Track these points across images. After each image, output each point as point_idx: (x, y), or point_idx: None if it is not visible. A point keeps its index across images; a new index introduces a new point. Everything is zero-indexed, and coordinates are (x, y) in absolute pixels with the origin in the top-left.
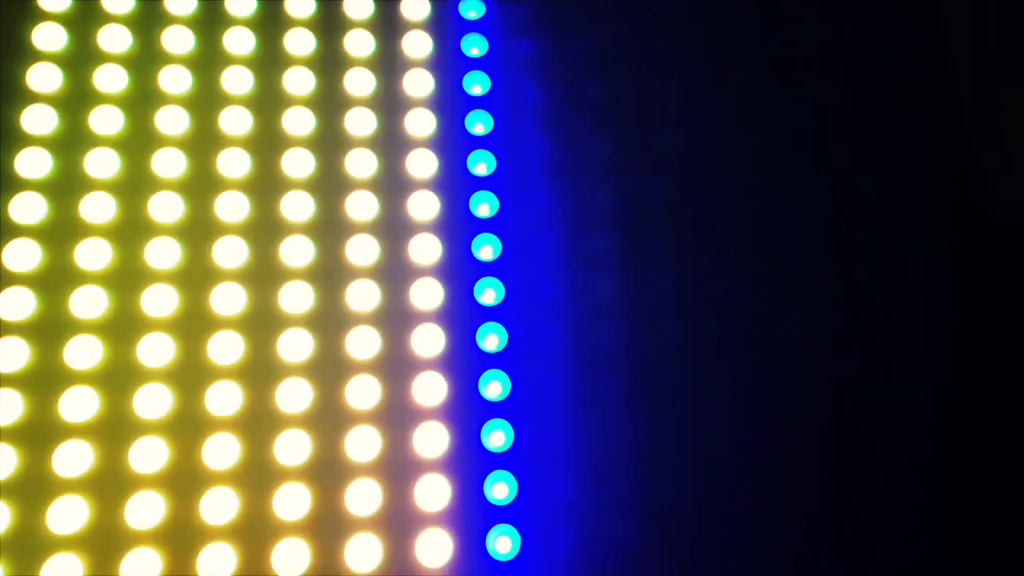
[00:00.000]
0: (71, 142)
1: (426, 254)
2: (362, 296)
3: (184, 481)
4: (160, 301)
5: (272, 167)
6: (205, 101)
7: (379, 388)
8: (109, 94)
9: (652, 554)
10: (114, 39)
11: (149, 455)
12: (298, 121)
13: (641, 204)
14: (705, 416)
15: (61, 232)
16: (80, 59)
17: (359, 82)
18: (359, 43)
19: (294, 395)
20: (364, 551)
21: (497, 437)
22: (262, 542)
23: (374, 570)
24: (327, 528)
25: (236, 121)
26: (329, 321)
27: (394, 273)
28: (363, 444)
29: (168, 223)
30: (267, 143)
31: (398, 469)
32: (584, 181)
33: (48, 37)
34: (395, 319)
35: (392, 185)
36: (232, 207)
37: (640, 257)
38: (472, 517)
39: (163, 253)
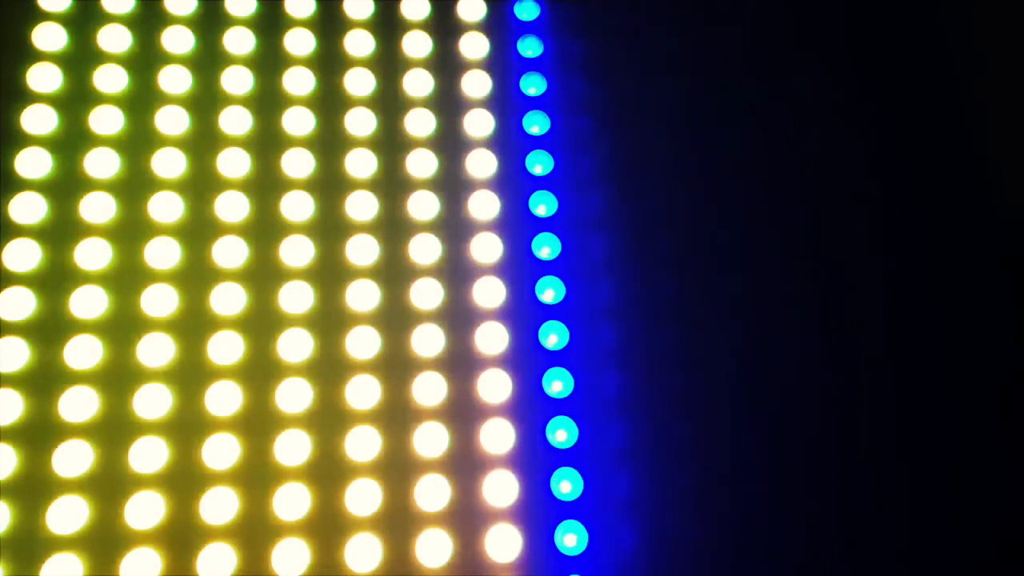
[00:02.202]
0: (71, 142)
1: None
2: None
3: (184, 481)
4: (160, 301)
5: (273, 167)
6: (205, 101)
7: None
8: (109, 94)
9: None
10: (114, 39)
11: (149, 455)
12: (301, 121)
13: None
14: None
15: (61, 232)
16: (80, 59)
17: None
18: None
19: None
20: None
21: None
22: (263, 542)
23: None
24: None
25: (236, 121)
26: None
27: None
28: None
29: (168, 223)
30: (267, 143)
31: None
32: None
33: (48, 37)
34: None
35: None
36: (232, 207)
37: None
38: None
39: (163, 253)
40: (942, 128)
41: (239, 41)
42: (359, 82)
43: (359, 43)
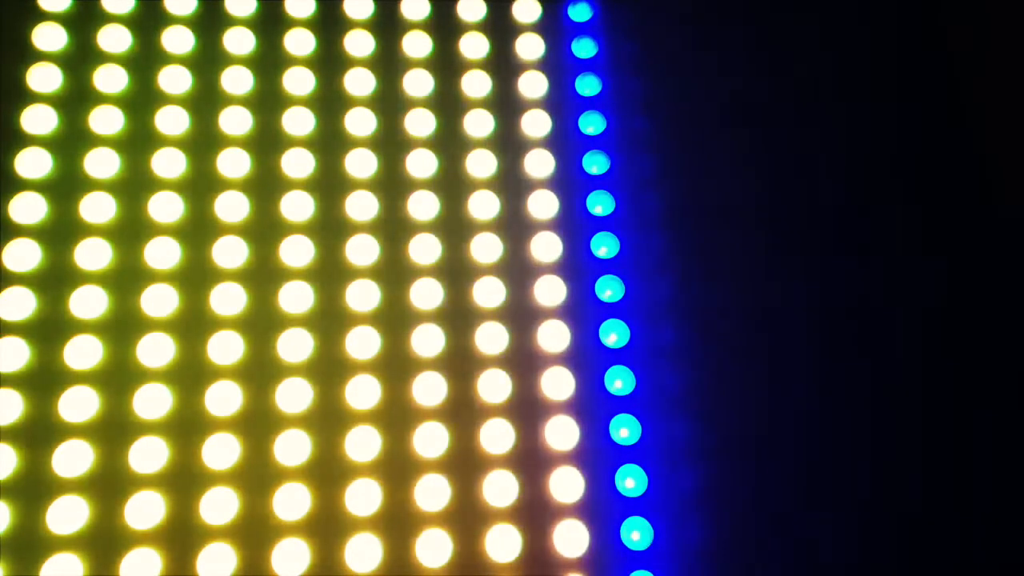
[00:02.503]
0: (71, 142)
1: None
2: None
3: (184, 481)
4: (160, 301)
5: (273, 167)
6: (205, 101)
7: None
8: (109, 94)
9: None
10: (114, 39)
11: (149, 455)
12: (299, 121)
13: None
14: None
15: (61, 232)
16: (80, 59)
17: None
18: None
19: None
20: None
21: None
22: (262, 542)
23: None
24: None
25: (236, 121)
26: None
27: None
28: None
29: (168, 223)
30: (267, 143)
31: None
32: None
33: (48, 37)
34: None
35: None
36: (232, 207)
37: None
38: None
39: (163, 253)
40: (944, 128)
41: (239, 41)
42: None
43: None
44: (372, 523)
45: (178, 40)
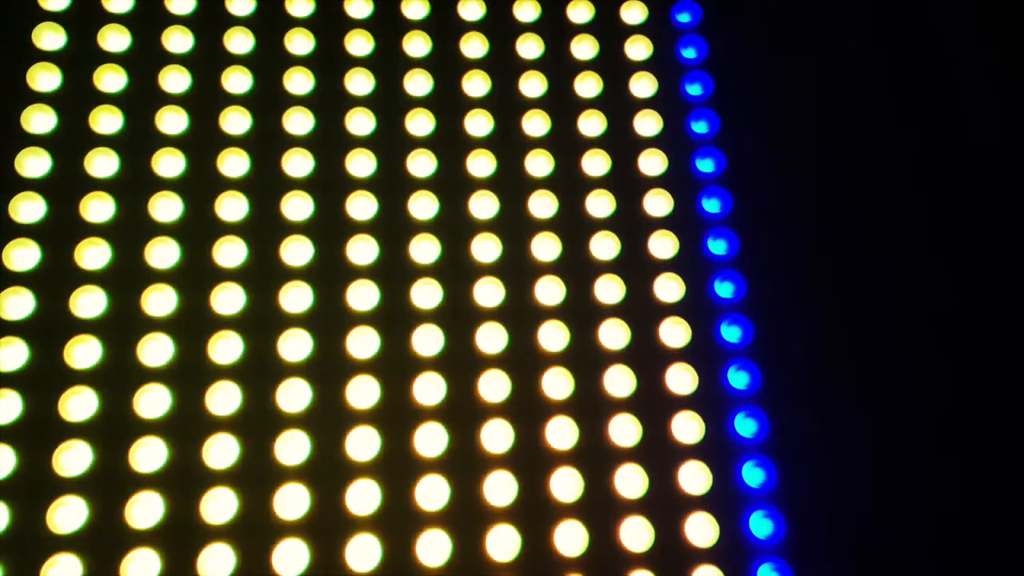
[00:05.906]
0: (71, 142)
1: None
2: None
3: (184, 481)
4: (160, 301)
5: (274, 167)
6: (205, 101)
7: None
8: (109, 94)
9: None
10: (114, 39)
11: (149, 455)
12: (301, 121)
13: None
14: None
15: (61, 232)
16: (80, 59)
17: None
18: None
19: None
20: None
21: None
22: (262, 542)
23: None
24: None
25: (237, 121)
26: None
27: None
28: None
29: (168, 223)
30: (270, 143)
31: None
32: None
33: (48, 37)
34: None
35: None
36: (232, 207)
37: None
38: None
39: (163, 253)
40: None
41: (240, 41)
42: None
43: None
44: (375, 523)
45: (178, 40)
